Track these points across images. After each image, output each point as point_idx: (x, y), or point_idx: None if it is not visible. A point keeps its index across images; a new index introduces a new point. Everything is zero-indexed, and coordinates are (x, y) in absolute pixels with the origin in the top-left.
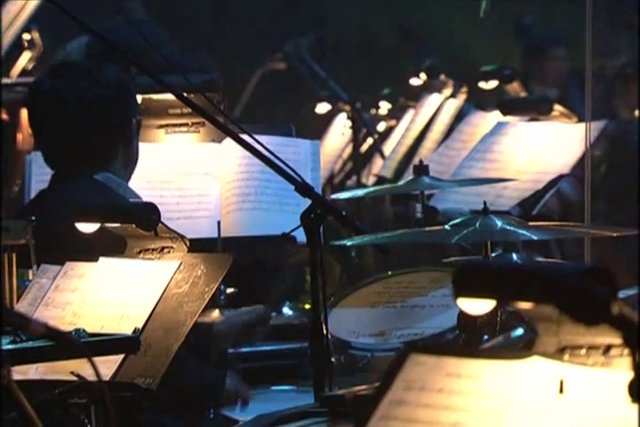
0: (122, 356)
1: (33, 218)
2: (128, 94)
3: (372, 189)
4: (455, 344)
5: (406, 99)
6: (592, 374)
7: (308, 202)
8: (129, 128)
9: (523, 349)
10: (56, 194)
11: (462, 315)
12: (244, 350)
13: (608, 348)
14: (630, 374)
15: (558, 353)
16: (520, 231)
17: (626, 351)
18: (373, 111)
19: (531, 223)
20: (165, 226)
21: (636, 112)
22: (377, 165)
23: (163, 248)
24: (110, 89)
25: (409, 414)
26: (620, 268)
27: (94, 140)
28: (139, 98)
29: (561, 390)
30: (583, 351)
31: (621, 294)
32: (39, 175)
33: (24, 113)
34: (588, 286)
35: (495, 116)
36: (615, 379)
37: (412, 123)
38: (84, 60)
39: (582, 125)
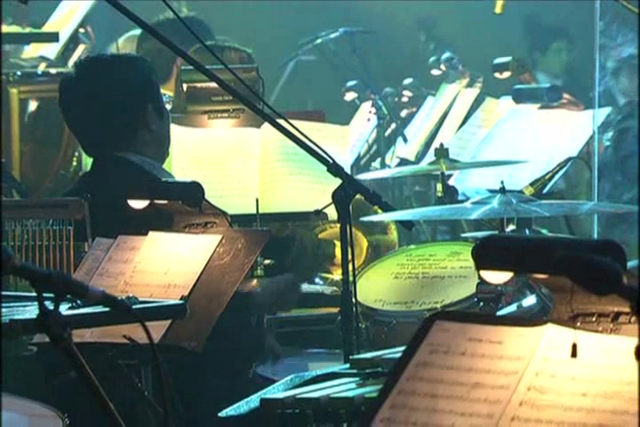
0: (169, 321)
1: (89, 195)
2: (141, 83)
3: (397, 169)
4: (477, 312)
5: (427, 88)
6: (602, 339)
7: (338, 181)
8: (145, 113)
9: (537, 316)
10: (97, 176)
11: (480, 285)
12: (279, 316)
13: (617, 315)
14: (637, 340)
15: (571, 320)
16: (534, 208)
17: (633, 319)
18: (396, 99)
19: (543, 201)
20: (209, 203)
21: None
22: (400, 148)
23: (206, 223)
24: (122, 79)
25: (434, 375)
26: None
27: (113, 126)
28: (184, 86)
29: (573, 355)
30: (594, 319)
31: None
32: None
33: None
34: (601, 259)
35: (508, 104)
36: (623, 344)
37: (432, 110)
38: (101, 55)
39: (588, 113)
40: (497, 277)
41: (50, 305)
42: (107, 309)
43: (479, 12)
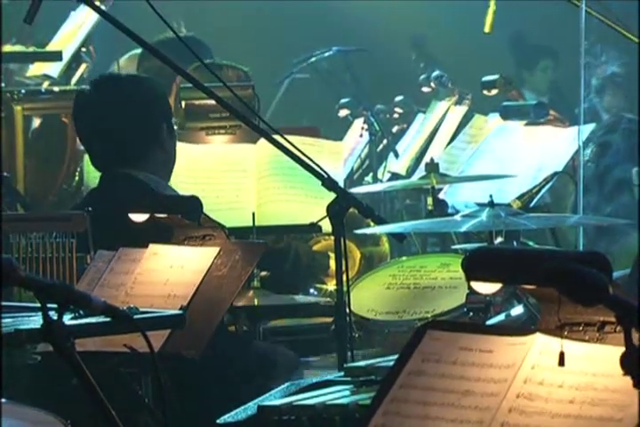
0: (169, 330)
1: (90, 209)
2: (158, 103)
3: (389, 184)
4: (467, 322)
5: (417, 105)
6: (588, 348)
7: (332, 195)
8: (160, 132)
9: (525, 325)
10: (103, 192)
11: (470, 295)
12: (276, 325)
13: (603, 325)
14: (622, 349)
15: (558, 330)
16: (522, 221)
17: (618, 328)
18: (388, 116)
19: (530, 214)
20: (207, 217)
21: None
22: (391, 163)
23: (205, 236)
24: (139, 99)
25: (426, 383)
26: None
27: (128, 143)
28: (183, 103)
29: (561, 363)
30: (580, 328)
31: None
32: (94, 172)
33: None
34: (588, 271)
35: (496, 120)
36: (609, 353)
37: (422, 126)
38: (119, 74)
39: (573, 129)
40: (486, 288)
41: (53, 315)
42: (108, 319)
43: (468, 32)
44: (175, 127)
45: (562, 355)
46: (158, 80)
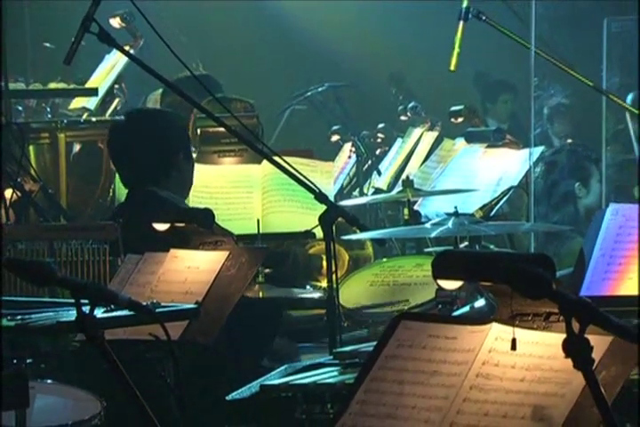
0: (187, 321)
1: (120, 220)
2: (177, 134)
3: (372, 197)
4: (435, 313)
5: (396, 131)
6: (536, 335)
7: (324, 207)
8: (177, 158)
9: (486, 315)
10: (131, 205)
11: (439, 291)
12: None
13: (548, 315)
14: (564, 335)
15: (511, 319)
16: (482, 228)
17: (561, 318)
18: (372, 140)
19: (490, 222)
20: (219, 225)
21: (569, 140)
22: (375, 179)
23: (216, 242)
24: (161, 131)
25: (400, 365)
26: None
27: (150, 166)
28: (198, 131)
29: (513, 347)
30: (529, 318)
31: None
32: (125, 189)
33: None
34: (535, 270)
35: (461, 144)
36: (553, 339)
37: (400, 149)
38: (148, 109)
39: (525, 151)
40: (450, 284)
41: (87, 310)
42: (135, 312)
43: (439, 69)
44: (193, 149)
45: (514, 341)
46: (178, 113)
